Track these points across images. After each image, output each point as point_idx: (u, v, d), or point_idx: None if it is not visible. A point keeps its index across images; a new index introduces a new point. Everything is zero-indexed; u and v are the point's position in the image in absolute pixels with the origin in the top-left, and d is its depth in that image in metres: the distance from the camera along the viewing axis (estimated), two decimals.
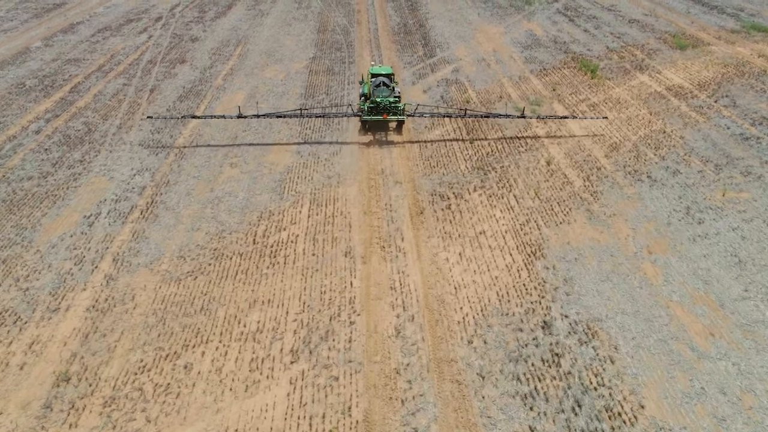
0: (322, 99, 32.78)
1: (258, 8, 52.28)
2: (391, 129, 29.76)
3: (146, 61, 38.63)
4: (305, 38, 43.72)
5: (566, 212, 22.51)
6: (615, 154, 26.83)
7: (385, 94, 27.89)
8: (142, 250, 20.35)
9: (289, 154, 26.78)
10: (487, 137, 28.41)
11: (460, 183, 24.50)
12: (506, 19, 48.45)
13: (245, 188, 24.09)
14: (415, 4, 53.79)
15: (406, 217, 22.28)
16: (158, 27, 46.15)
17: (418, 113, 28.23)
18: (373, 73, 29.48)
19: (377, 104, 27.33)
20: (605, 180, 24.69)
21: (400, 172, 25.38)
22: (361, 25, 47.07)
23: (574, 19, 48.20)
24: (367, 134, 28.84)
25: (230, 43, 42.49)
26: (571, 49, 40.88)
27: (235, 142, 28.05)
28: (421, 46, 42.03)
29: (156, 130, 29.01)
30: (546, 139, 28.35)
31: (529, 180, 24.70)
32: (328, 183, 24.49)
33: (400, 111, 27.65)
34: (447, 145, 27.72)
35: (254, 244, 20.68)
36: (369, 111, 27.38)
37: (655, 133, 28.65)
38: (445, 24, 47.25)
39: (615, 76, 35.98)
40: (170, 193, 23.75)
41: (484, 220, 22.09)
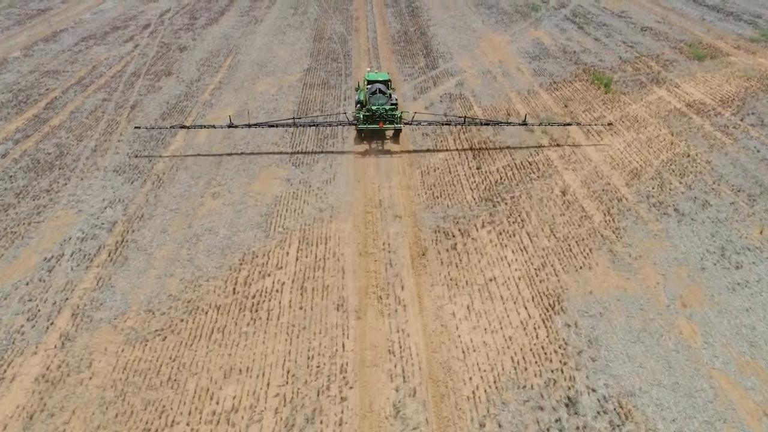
0: (316, 117, 30.14)
1: (252, 14, 49.63)
2: (388, 138, 27.99)
3: (130, 73, 36.01)
4: (300, 47, 41.08)
5: (586, 254, 19.91)
6: (636, 182, 24.21)
7: (382, 102, 26.37)
8: (106, 302, 17.76)
9: (277, 182, 24.17)
10: (495, 162, 25.80)
11: (466, 217, 21.90)
12: (512, 26, 45.80)
13: (227, 223, 21.49)
14: (416, 10, 51.14)
15: (406, 259, 19.69)
16: (145, 35, 43.53)
17: (415, 121, 26.57)
18: (369, 80, 27.92)
19: (373, 112, 25.78)
20: (627, 214, 22.07)
21: (400, 204, 22.78)
22: (359, 33, 44.44)
23: (583, 26, 45.55)
24: (364, 156, 26.25)
25: (220, 53, 39.86)
26: (582, 60, 38.24)
27: (220, 165, 25.46)
28: (423, 56, 39.40)
29: (133, 153, 26.41)
30: (559, 163, 25.73)
31: (542, 214, 22.09)
32: (319, 217, 21.89)
33: (396, 119, 26.12)
34: (451, 171, 25.10)
35: (234, 295, 18.08)
36: (365, 119, 26.04)
37: (679, 157, 26.02)
38: (448, 32, 44.60)
39: (630, 91, 33.35)
40: (144, 229, 21.15)
41: (494, 263, 19.49)
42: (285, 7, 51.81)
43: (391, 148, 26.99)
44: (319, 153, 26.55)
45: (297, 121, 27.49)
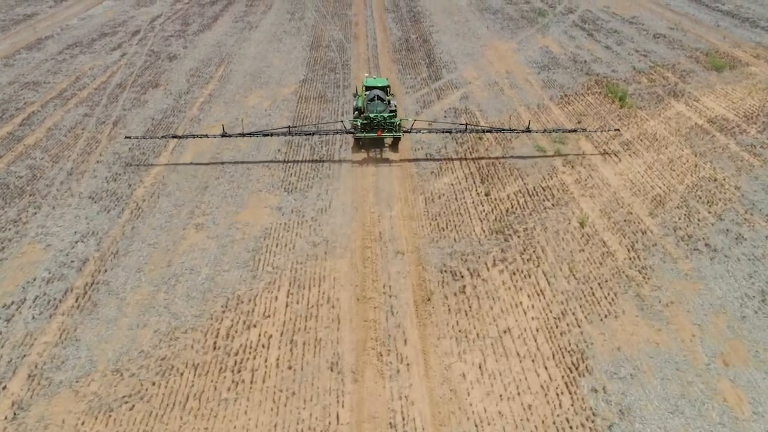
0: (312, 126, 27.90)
1: (247, 20, 47.38)
2: (386, 145, 26.73)
3: (115, 84, 33.78)
4: (296, 56, 38.83)
5: (611, 299, 17.70)
6: (661, 211, 21.99)
7: (380, 109, 25.30)
8: (69, 360, 15.56)
9: (267, 212, 21.96)
10: (505, 187, 23.57)
11: (475, 253, 19.69)
12: (518, 33, 43.53)
13: (211, 261, 19.28)
14: (418, 15, 48.89)
15: (409, 305, 17.48)
16: (134, 42, 41.29)
17: (415, 129, 25.69)
18: (367, 86, 26.79)
19: (371, 120, 24.89)
20: (654, 250, 19.86)
21: (402, 237, 20.57)
22: (358, 40, 42.19)
23: (593, 33, 43.28)
24: (363, 178, 24.04)
25: (212, 62, 37.62)
26: (594, 70, 36.00)
27: (206, 191, 23.24)
28: (425, 66, 37.15)
29: (112, 177, 24.19)
30: (575, 188, 23.51)
31: (560, 249, 19.88)
32: (313, 253, 19.68)
33: (396, 127, 25.26)
34: (458, 198, 22.89)
35: (215, 350, 15.88)
36: (362, 128, 25.13)
37: (705, 182, 23.81)
38: (452, 39, 42.34)
39: (647, 105, 31.11)
40: (117, 268, 18.94)
41: (508, 310, 17.28)
42: (281, 13, 49.56)
43: (393, 173, 24.77)
44: (314, 177, 24.34)
45: (293, 130, 26.17)
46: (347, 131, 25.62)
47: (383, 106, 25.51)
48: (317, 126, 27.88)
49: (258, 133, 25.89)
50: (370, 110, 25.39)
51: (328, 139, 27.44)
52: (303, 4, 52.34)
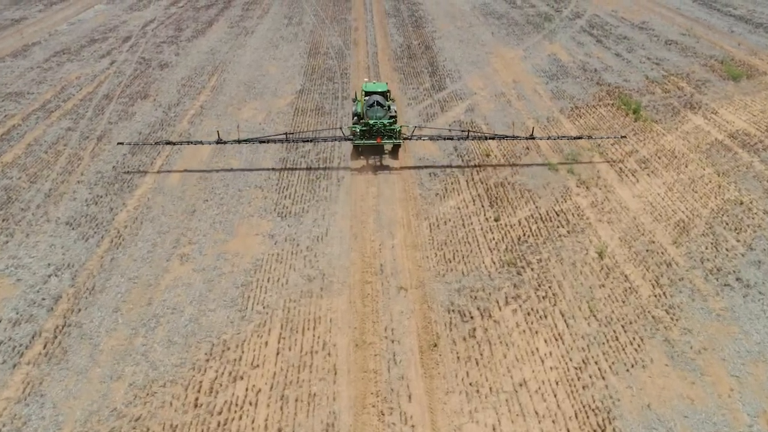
0: (307, 151, 26.15)
1: (242, 25, 45.54)
2: (386, 152, 26.01)
3: (102, 95, 31.97)
4: (293, 64, 37.01)
5: (637, 344, 15.91)
6: (685, 239, 20.20)
7: (380, 115, 24.55)
8: (32, 420, 13.78)
9: (259, 240, 20.17)
10: (516, 211, 21.79)
11: (486, 289, 17.90)
12: (524, 39, 41.71)
13: (195, 298, 17.49)
14: (420, 20, 47.04)
15: (414, 352, 15.70)
16: (124, 49, 39.46)
17: (415, 136, 24.90)
18: (366, 91, 26.03)
19: (370, 127, 24.18)
20: (681, 285, 18.07)
21: (405, 269, 18.78)
22: (358, 47, 40.37)
23: (602, 39, 41.45)
24: (363, 201, 22.25)
25: (205, 71, 35.80)
26: (605, 80, 34.19)
27: (194, 216, 21.47)
28: (428, 75, 35.35)
29: (93, 200, 22.40)
30: (591, 213, 21.72)
31: (578, 284, 18.09)
32: (308, 290, 17.89)
33: (395, 134, 24.57)
34: (465, 224, 21.09)
35: (196, 409, 14.10)
36: (361, 134, 24.45)
37: (731, 205, 22.03)
38: (455, 46, 40.52)
39: (663, 118, 29.31)
40: (93, 307, 17.15)
41: (524, 358, 15.49)
42: (279, 17, 47.72)
43: (395, 195, 22.98)
44: (311, 199, 22.56)
45: (290, 136, 25.31)
46: (346, 138, 24.79)
47: (383, 111, 24.66)
48: (315, 133, 26.94)
49: (254, 139, 24.64)
50: (370, 116, 24.57)
51: (325, 156, 25.66)
52: (301, 8, 50.53)
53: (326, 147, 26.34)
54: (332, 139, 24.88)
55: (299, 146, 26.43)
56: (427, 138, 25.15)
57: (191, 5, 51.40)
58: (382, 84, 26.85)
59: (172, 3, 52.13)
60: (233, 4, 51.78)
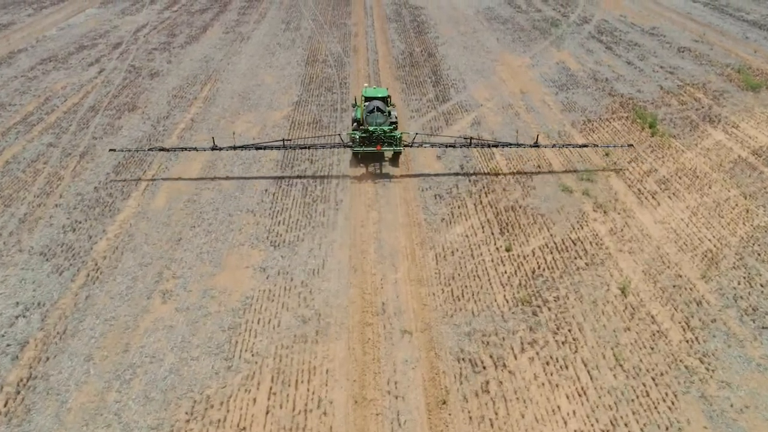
0: (305, 169, 24.37)
1: (238, 30, 43.70)
2: (386, 159, 25.21)
3: (87, 107, 30.17)
4: (290, 73, 35.20)
5: (671, 401, 14.13)
6: (715, 272, 18.42)
7: (380, 121, 23.87)
8: None
9: (249, 273, 18.38)
10: (528, 240, 20.00)
11: (499, 333, 16.13)
12: (531, 46, 39.89)
13: (177, 344, 15.71)
14: (422, 25, 45.20)
15: (420, 410, 13.92)
16: (114, 56, 37.64)
17: (416, 143, 24.28)
18: (366, 97, 25.09)
19: (370, 133, 23.43)
20: (714, 328, 16.29)
21: (410, 309, 17.00)
22: (358, 54, 38.55)
23: (611, 46, 39.63)
24: (363, 227, 20.48)
25: (197, 80, 33.99)
26: (617, 90, 32.39)
27: (179, 246, 19.68)
28: (431, 84, 33.55)
29: (71, 226, 20.62)
30: (611, 241, 19.94)
31: (600, 327, 16.32)
32: (302, 333, 16.11)
33: (396, 141, 23.79)
34: (474, 254, 19.31)
35: None
36: (361, 141, 23.69)
37: (762, 233, 20.25)
38: (459, 53, 38.70)
39: (681, 133, 27.52)
40: (63, 355, 15.37)
41: (544, 419, 13.71)
42: (276, 22, 45.89)
43: (398, 220, 21.20)
44: (306, 225, 20.77)
45: (287, 143, 24.32)
46: (345, 145, 24.32)
47: (383, 118, 23.93)
48: (313, 140, 26.03)
49: (251, 146, 23.74)
50: (369, 122, 23.84)
51: (323, 175, 23.88)
52: (299, 12, 48.72)
53: (324, 166, 24.57)
54: (331, 146, 24.12)
55: (295, 165, 24.65)
56: (428, 145, 24.46)
57: (186, 9, 49.58)
58: (383, 89, 25.83)
59: (167, 7, 50.31)
60: (229, 8, 49.97)
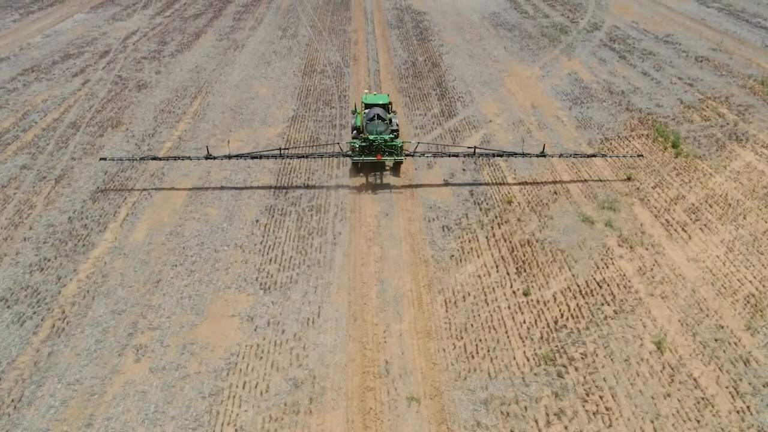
0: (299, 196, 22.20)
1: (232, 37, 41.46)
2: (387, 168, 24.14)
3: (68, 123, 27.98)
4: (285, 84, 33.00)
5: None
6: (761, 322, 16.24)
7: (381, 129, 22.94)
8: None
9: (235, 324, 16.19)
10: (548, 282, 17.81)
11: (520, 400, 13.95)
12: (540, 54, 37.67)
13: (149, 415, 13.53)
14: (426, 32, 42.95)
15: None
16: (101, 66, 35.42)
17: (418, 153, 23.38)
18: (366, 103, 24.44)
19: (370, 142, 22.42)
20: (766, 394, 14.11)
21: (417, 369, 14.82)
22: (358, 64, 36.33)
23: (625, 55, 37.41)
24: (364, 266, 18.28)
25: (187, 93, 31.78)
26: (635, 104, 30.19)
27: (157, 288, 17.50)
28: (437, 97, 31.34)
29: (38, 264, 18.43)
30: (640, 283, 17.75)
31: (636, 393, 14.14)
32: (293, 402, 13.92)
33: (397, 150, 22.76)
34: (488, 299, 17.12)
35: None
36: (360, 151, 22.69)
37: None
38: (465, 62, 36.48)
39: (707, 153, 25.33)
40: (16, 430, 13.19)
41: None
42: (272, 29, 43.64)
43: (403, 256, 19.00)
44: (301, 263, 18.59)
45: (284, 152, 23.38)
46: (344, 154, 23.39)
47: (384, 126, 23.04)
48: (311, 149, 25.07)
49: (246, 155, 22.77)
50: (369, 131, 22.91)
51: (319, 204, 21.69)
52: (297, 18, 46.48)
53: (320, 193, 22.37)
54: (329, 155, 23.15)
55: (289, 192, 22.45)
56: (430, 155, 23.64)
57: (179, 14, 47.33)
58: (384, 96, 25.08)
59: (159, 12, 48.07)
60: (224, 14, 47.73)
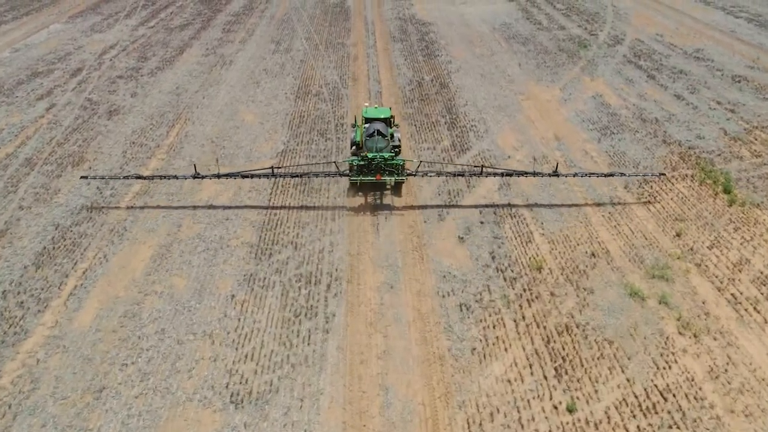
0: (286, 260, 18.27)
1: (220, 52, 37.44)
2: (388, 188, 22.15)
3: (23, 159, 24.04)
4: (276, 109, 29.01)
5: None
6: None
7: (381, 146, 21.03)
8: None
9: (209, 419, 12.27)
10: (597, 390, 13.86)
11: None
12: (559, 73, 33.67)
13: None
14: (432, 46, 38.89)
15: None
16: (70, 87, 31.44)
17: (421, 172, 21.55)
18: (366, 118, 22.50)
19: (369, 161, 20.60)
20: None
21: None
22: (358, 84, 32.36)
23: (653, 74, 33.39)
24: (363, 363, 14.34)
25: (164, 120, 27.81)
26: (672, 135, 26.21)
27: (99, 399, 13.56)
28: (446, 125, 27.38)
29: None
30: (713, 392, 13.80)
31: None
32: None
33: (398, 169, 20.98)
34: (523, 419, 13.15)
35: None
36: (359, 170, 20.96)
37: None
38: (477, 82, 32.48)
39: (766, 200, 21.38)
40: None
41: None
42: (264, 42, 39.60)
43: (412, 351, 15.04)
44: (284, 361, 14.65)
45: (277, 171, 21.28)
46: (341, 174, 21.19)
47: (384, 142, 21.01)
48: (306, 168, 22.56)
49: (236, 174, 20.50)
50: (369, 147, 20.92)
51: (309, 272, 17.74)
52: (292, 29, 42.43)
53: (311, 258, 18.40)
54: (325, 174, 20.95)
55: (273, 255, 18.48)
56: (434, 174, 21.48)
57: (164, 25, 43.28)
58: (385, 109, 23.13)
59: (143, 22, 44.03)
60: (213, 24, 43.67)
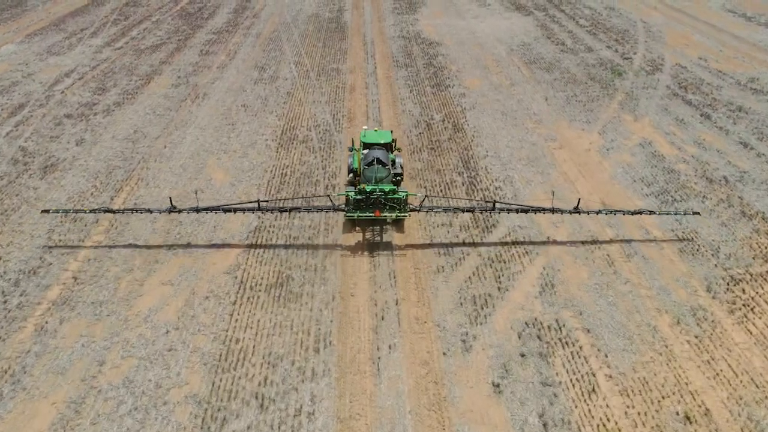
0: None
1: (193, 81, 31.47)
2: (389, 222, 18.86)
3: None
4: (252, 163, 23.14)
5: None
6: None
7: (381, 176, 17.92)
8: None
9: None
10: None
11: None
12: (594, 110, 27.80)
13: None
14: (441, 73, 32.91)
15: None
16: (4, 131, 25.52)
17: (425, 207, 17.98)
18: (365, 143, 19.87)
19: (368, 194, 17.34)
20: None
21: None
22: (354, 125, 26.48)
23: (707, 112, 27.51)
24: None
25: (111, 180, 21.94)
26: (752, 204, 20.41)
27: None
28: (464, 187, 21.57)
29: None
30: None
31: None
32: None
33: (400, 204, 17.57)
34: None
35: None
36: (356, 204, 17.58)
37: None
38: (497, 123, 26.59)
39: None
40: None
41: None
42: (246, 67, 33.59)
43: None
44: None
45: (263, 205, 17.93)
46: (336, 208, 17.98)
47: (385, 172, 18.26)
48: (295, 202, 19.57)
49: (216, 208, 17.61)
50: (368, 178, 18.11)
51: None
52: (280, 51, 36.45)
53: (283, 428, 12.57)
54: (317, 209, 17.93)
55: (228, 423, 12.63)
56: (440, 210, 18.24)
57: (133, 46, 37.23)
58: (386, 132, 20.67)
59: (109, 42, 37.98)
60: (190, 44, 37.64)
